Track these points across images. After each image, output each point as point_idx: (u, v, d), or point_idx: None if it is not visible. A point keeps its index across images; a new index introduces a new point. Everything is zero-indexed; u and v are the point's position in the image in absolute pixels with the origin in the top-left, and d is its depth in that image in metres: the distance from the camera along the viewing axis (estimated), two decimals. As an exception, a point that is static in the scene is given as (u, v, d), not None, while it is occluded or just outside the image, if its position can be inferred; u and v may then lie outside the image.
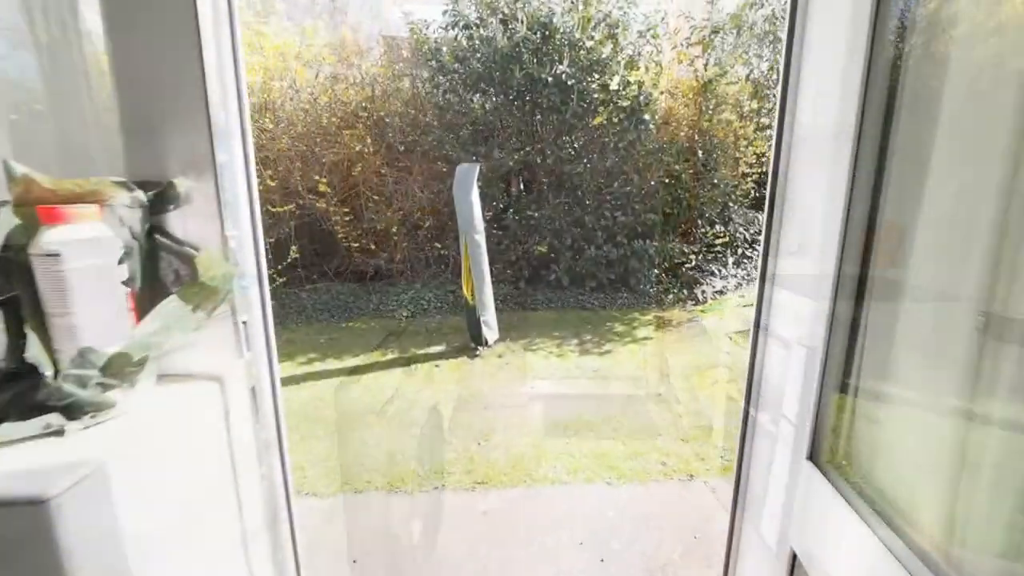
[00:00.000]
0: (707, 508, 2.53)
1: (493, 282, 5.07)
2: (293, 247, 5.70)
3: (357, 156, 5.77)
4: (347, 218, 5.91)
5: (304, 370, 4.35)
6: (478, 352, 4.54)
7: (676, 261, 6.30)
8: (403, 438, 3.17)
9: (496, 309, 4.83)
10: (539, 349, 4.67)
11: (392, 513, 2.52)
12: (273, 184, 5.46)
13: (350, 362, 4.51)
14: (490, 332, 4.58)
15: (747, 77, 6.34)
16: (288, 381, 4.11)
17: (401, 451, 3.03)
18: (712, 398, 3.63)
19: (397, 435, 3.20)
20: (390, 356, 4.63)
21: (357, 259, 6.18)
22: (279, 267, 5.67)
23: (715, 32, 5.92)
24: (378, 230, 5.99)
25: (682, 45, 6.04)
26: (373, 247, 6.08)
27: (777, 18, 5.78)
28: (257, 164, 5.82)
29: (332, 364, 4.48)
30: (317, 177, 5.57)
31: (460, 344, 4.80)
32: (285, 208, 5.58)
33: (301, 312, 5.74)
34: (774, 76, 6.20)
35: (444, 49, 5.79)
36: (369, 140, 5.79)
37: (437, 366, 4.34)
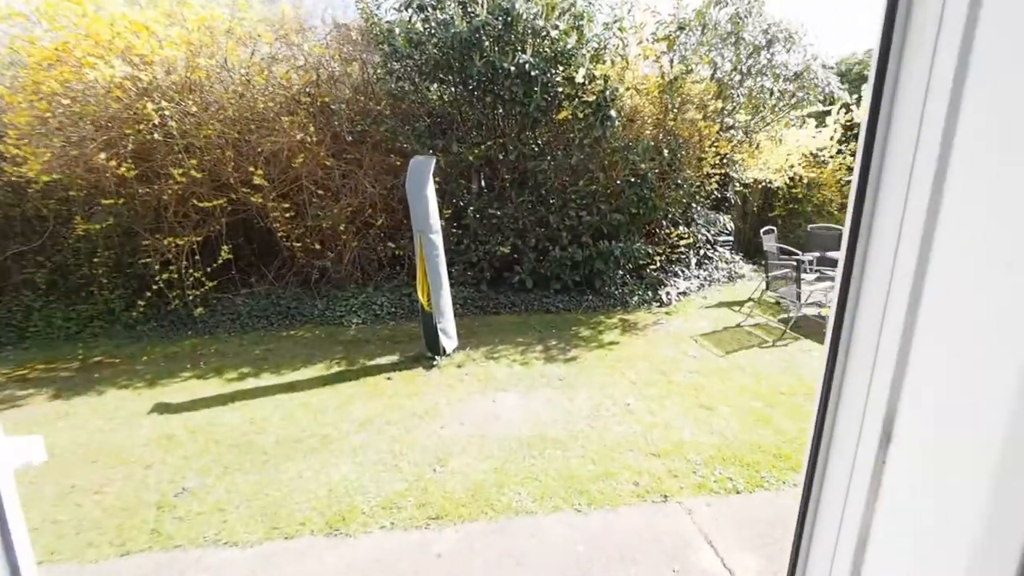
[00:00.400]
0: (684, 534, 2.34)
1: (452, 285, 4.71)
2: (224, 247, 5.07)
3: (299, 146, 5.21)
4: (288, 214, 5.34)
5: (234, 388, 3.83)
6: (435, 362, 4.17)
7: (641, 262, 6.18)
8: (345, 467, 2.77)
9: (455, 314, 4.48)
10: (501, 357, 4.36)
11: (328, 564, 2.12)
12: (199, 176, 4.81)
13: (289, 376, 4.02)
14: (448, 340, 4.22)
15: (712, 76, 6.30)
16: (214, 401, 3.59)
17: (344, 483, 2.63)
18: (682, 406, 3.46)
19: (339, 463, 2.80)
20: (336, 368, 4.17)
21: (300, 260, 5.61)
22: (208, 269, 5.03)
23: (681, 29, 5.82)
24: (324, 228, 5.46)
25: (648, 40, 5.90)
26: (318, 247, 5.54)
27: (741, 18, 5.75)
28: (180, 152, 5.08)
29: (268, 379, 3.97)
30: (252, 168, 4.97)
31: (415, 353, 4.41)
32: (215, 203, 4.95)
33: (235, 320, 5.14)
34: (736, 76, 6.19)
35: (397, 31, 5.33)
36: (312, 128, 5.24)
37: (389, 378, 3.94)
